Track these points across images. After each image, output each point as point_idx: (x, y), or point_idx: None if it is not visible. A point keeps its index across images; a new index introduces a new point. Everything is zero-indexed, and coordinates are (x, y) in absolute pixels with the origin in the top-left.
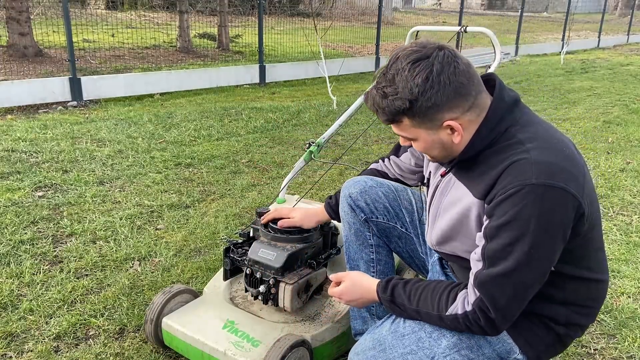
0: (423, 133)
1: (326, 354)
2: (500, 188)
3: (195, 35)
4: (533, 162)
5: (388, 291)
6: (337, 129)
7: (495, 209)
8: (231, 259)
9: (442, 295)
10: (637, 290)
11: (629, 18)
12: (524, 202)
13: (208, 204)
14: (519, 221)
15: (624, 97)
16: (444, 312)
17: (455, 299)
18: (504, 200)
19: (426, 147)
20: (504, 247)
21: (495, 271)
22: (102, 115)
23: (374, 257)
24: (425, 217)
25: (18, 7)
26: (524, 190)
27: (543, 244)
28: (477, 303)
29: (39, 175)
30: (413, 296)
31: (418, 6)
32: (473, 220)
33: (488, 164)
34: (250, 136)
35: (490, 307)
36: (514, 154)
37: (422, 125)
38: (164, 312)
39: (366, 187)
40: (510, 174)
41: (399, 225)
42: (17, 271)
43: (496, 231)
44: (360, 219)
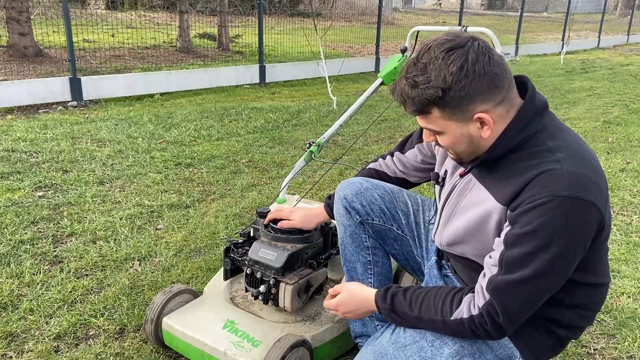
0: (452, 125)
1: (326, 354)
2: (529, 196)
3: (195, 35)
4: (565, 172)
5: (387, 300)
6: (337, 129)
7: (520, 216)
8: (231, 258)
9: (446, 300)
10: (637, 290)
11: (629, 18)
12: (553, 213)
13: (208, 204)
14: (545, 232)
15: (624, 97)
16: (448, 317)
17: (460, 303)
18: (532, 209)
19: (453, 141)
20: (525, 256)
21: (512, 278)
22: (102, 115)
23: (370, 259)
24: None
25: (18, 7)
26: (554, 201)
27: (564, 256)
28: (486, 307)
29: (39, 175)
30: (414, 303)
31: (418, 6)
32: (492, 225)
33: (514, 170)
34: (250, 136)
35: (500, 313)
36: (544, 162)
37: (453, 117)
38: (164, 312)
39: (361, 188)
40: (540, 183)
41: (395, 228)
42: (17, 271)
43: (518, 239)
44: (356, 221)
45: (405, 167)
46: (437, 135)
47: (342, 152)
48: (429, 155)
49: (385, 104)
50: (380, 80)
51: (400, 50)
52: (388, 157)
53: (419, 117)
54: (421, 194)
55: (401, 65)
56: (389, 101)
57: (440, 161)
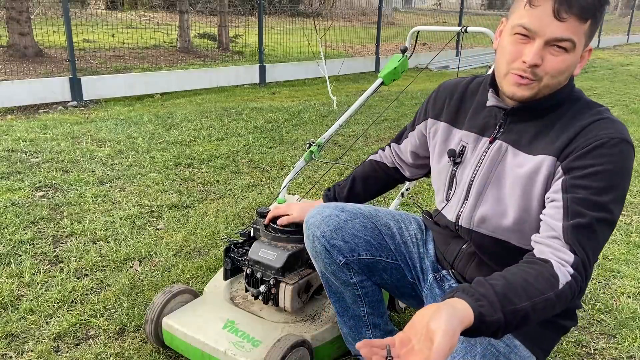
0: (582, 46)
1: (326, 354)
2: (585, 140)
3: (195, 35)
4: (614, 120)
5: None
6: (337, 129)
7: (577, 160)
8: (231, 258)
9: (543, 274)
10: (637, 290)
11: (629, 18)
12: (612, 152)
13: (208, 204)
14: (607, 171)
15: (624, 97)
16: (557, 287)
17: (554, 270)
18: (591, 150)
19: (570, 64)
20: (593, 196)
21: (585, 222)
22: (102, 115)
23: (359, 292)
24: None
25: (18, 7)
26: (612, 142)
27: (622, 196)
28: (575, 260)
29: (39, 175)
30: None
31: (418, 6)
32: (540, 183)
33: (562, 123)
34: (250, 136)
35: (585, 259)
36: (592, 114)
37: (588, 37)
38: (164, 312)
39: (340, 222)
40: (594, 129)
41: (384, 257)
42: (17, 271)
43: (582, 181)
44: (339, 262)
45: (401, 159)
46: (559, 54)
47: (342, 152)
48: (417, 145)
49: (385, 104)
50: (380, 80)
51: (401, 50)
52: (387, 148)
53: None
54: (421, 192)
55: (401, 65)
56: (389, 101)
57: (444, 139)
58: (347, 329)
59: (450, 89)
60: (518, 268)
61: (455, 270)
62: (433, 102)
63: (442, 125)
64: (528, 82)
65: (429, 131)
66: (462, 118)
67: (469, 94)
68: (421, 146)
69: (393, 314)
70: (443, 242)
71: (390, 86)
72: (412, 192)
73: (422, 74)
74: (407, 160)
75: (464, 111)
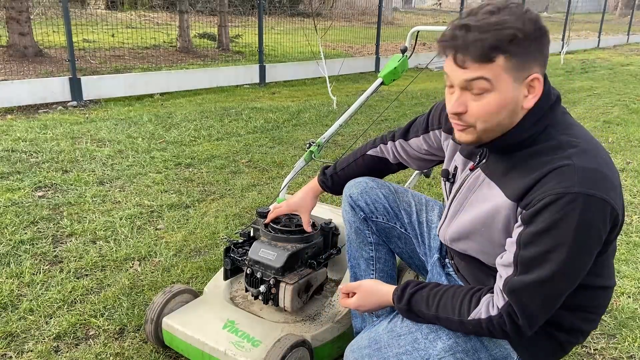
0: (508, 83)
1: (326, 354)
2: (540, 193)
3: (195, 35)
4: (576, 168)
5: (404, 300)
6: (337, 129)
7: (534, 216)
8: (231, 258)
9: (464, 300)
10: (637, 290)
11: (629, 18)
12: (565, 210)
13: (208, 204)
14: (559, 230)
15: (624, 97)
16: (465, 316)
17: (478, 303)
18: (544, 207)
19: (499, 104)
20: (541, 255)
21: (529, 279)
22: (102, 115)
23: (373, 254)
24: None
25: (18, 7)
26: (566, 198)
27: (580, 254)
28: (505, 308)
29: (39, 175)
30: (431, 302)
31: (418, 6)
32: (500, 222)
33: (525, 166)
34: (250, 136)
35: (518, 314)
36: (555, 158)
37: (513, 71)
38: (164, 312)
39: (367, 187)
40: (552, 180)
41: (398, 226)
42: (17, 271)
43: (533, 238)
44: (360, 217)
45: (408, 155)
46: (480, 97)
47: (342, 152)
48: (434, 147)
49: (385, 104)
50: (380, 80)
51: (401, 50)
52: (390, 143)
53: (472, 68)
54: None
55: (401, 65)
56: (389, 101)
57: (450, 157)
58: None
59: None
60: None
61: (454, 262)
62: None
63: (451, 143)
64: (463, 128)
65: (443, 142)
66: None
67: None
68: (437, 149)
69: None
70: None
71: (390, 86)
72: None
73: (422, 74)
74: (416, 157)
75: None
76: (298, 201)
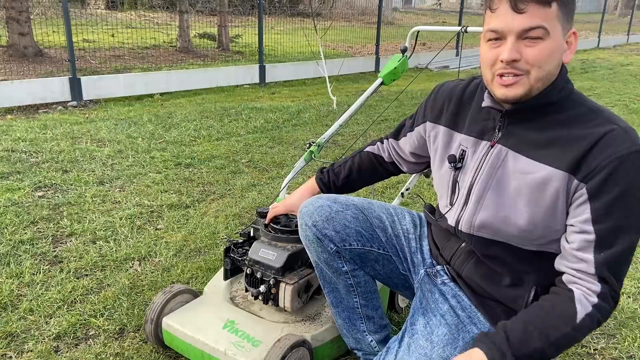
0: (559, 30)
1: (326, 354)
2: (602, 159)
3: (195, 35)
4: (625, 129)
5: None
6: (337, 129)
7: (602, 185)
8: (231, 258)
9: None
10: (637, 290)
11: (629, 18)
12: (635, 170)
13: (208, 204)
14: (633, 191)
15: (624, 97)
16: (575, 322)
17: (573, 303)
18: (613, 172)
19: (552, 50)
20: (622, 223)
21: (619, 249)
22: (102, 115)
23: (352, 282)
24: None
25: (18, 7)
26: (633, 157)
27: None
28: (603, 291)
29: (39, 175)
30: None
31: (418, 6)
32: (549, 194)
33: (568, 134)
34: (250, 136)
35: (616, 287)
36: (598, 123)
37: (564, 19)
38: (164, 312)
39: (331, 212)
40: (609, 144)
41: (375, 248)
42: (17, 271)
43: (611, 207)
44: (330, 250)
45: (399, 155)
46: (536, 43)
47: (342, 152)
48: (416, 146)
49: (385, 104)
50: (380, 80)
51: (400, 50)
52: (385, 142)
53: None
54: (421, 194)
55: (401, 65)
56: (389, 101)
57: (446, 143)
58: (341, 321)
59: (449, 91)
60: (538, 306)
61: (451, 267)
62: (432, 105)
63: (442, 129)
64: (515, 80)
65: (428, 135)
66: (462, 121)
67: (467, 96)
68: (420, 148)
69: (393, 314)
70: (443, 238)
71: (390, 86)
72: (413, 192)
73: (422, 74)
74: (406, 157)
75: (463, 114)
76: (295, 201)
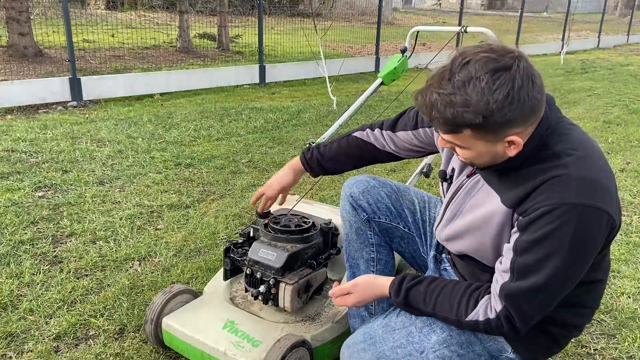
0: (480, 145)
1: (326, 354)
2: (536, 202)
3: (195, 35)
4: (573, 178)
5: (401, 295)
6: (337, 129)
7: (530, 224)
8: (231, 259)
9: (462, 300)
10: (637, 290)
11: (629, 18)
12: (561, 220)
13: (208, 204)
14: (555, 239)
15: (624, 97)
16: (463, 317)
17: (476, 305)
18: (541, 216)
19: (475, 156)
20: (536, 262)
21: (525, 285)
22: (102, 116)
23: (374, 256)
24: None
25: (18, 7)
26: (562, 208)
27: (576, 262)
28: (503, 312)
29: (39, 175)
30: (429, 299)
31: (418, 6)
32: (494, 225)
33: (522, 174)
34: (250, 136)
35: (516, 318)
36: (552, 167)
37: (484, 138)
38: (164, 312)
39: (368, 187)
40: (549, 190)
41: (401, 226)
42: (17, 271)
43: (529, 245)
44: (362, 218)
45: (396, 146)
46: (459, 148)
47: None
48: (425, 142)
49: (385, 104)
50: (380, 80)
51: (400, 50)
52: (377, 130)
53: (443, 134)
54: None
55: (401, 65)
56: (389, 101)
57: (447, 158)
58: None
59: None
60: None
61: (450, 257)
62: None
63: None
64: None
65: (437, 139)
66: None
67: None
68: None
69: None
70: None
71: (390, 86)
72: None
73: (422, 74)
74: (405, 147)
75: None
76: (277, 178)
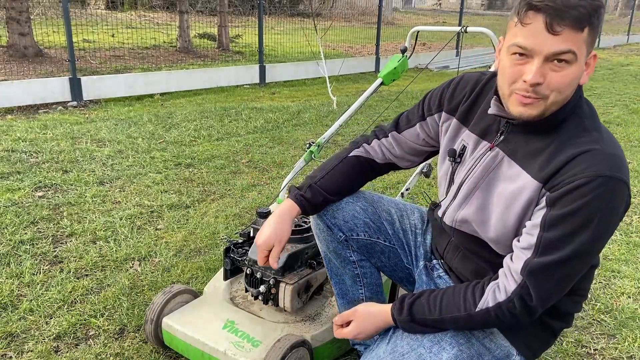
0: (584, 55)
1: (326, 354)
2: (570, 176)
3: (195, 35)
4: (606, 153)
5: (405, 311)
6: (337, 129)
7: (561, 197)
8: (231, 258)
9: (467, 293)
10: (637, 290)
11: (629, 18)
12: (595, 193)
13: (208, 204)
14: (586, 212)
15: (624, 97)
16: (472, 309)
17: (483, 292)
18: (574, 189)
19: (575, 76)
20: (565, 236)
21: (549, 260)
22: (102, 115)
23: (358, 272)
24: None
25: (18, 7)
26: (597, 181)
27: (601, 236)
28: (517, 291)
29: (39, 175)
30: (433, 306)
31: (418, 6)
32: (521, 202)
33: (552, 148)
34: (250, 136)
35: (534, 295)
36: (583, 142)
37: (589, 43)
38: (164, 312)
39: (342, 203)
40: (582, 163)
41: (381, 240)
42: (17, 271)
43: (559, 220)
44: (339, 238)
45: (402, 149)
46: (561, 69)
47: None
48: (431, 135)
49: (385, 104)
50: (380, 80)
51: (400, 50)
52: (375, 142)
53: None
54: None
55: (401, 65)
56: (389, 101)
57: (452, 136)
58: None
59: (472, 85)
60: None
61: (444, 261)
62: (449, 96)
63: (454, 122)
64: (533, 101)
65: (442, 124)
66: (471, 118)
67: (484, 93)
68: (432, 136)
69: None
70: (437, 233)
71: (390, 86)
72: (412, 192)
73: (422, 74)
74: (410, 148)
75: (474, 111)
76: (271, 234)
